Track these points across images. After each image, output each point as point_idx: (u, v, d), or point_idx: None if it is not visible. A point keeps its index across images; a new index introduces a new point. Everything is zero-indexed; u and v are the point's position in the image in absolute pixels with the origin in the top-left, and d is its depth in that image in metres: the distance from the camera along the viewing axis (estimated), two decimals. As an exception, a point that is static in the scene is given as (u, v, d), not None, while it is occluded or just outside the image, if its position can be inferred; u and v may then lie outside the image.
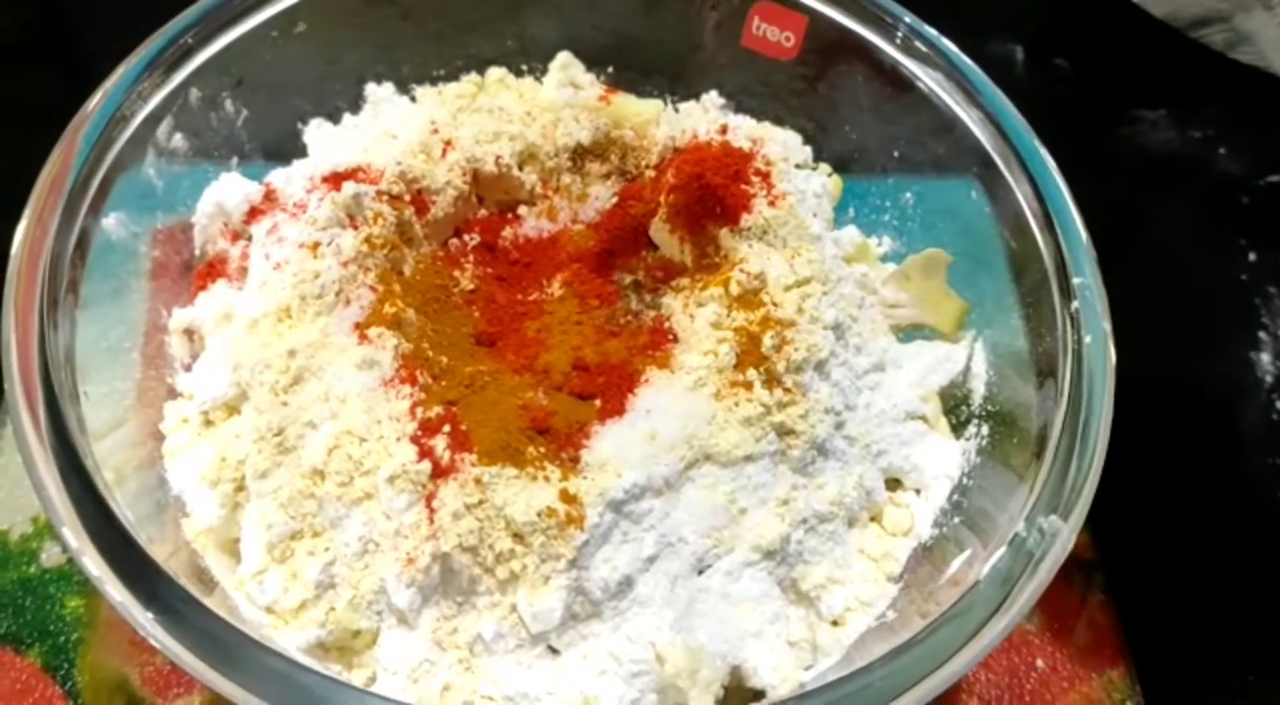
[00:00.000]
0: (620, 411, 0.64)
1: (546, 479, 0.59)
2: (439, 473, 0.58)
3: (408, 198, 0.69)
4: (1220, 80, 1.16)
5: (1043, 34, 1.19)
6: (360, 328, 0.64)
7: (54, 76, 1.04)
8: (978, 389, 0.72)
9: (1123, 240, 1.02)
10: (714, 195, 0.70)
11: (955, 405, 0.74)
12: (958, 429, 0.73)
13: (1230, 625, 0.85)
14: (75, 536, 0.53)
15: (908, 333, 0.76)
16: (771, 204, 0.71)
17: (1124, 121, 1.14)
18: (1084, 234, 0.67)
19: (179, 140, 0.71)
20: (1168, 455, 0.92)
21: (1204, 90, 1.16)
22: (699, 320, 0.66)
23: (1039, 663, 0.80)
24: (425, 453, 0.59)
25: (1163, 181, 1.10)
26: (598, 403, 0.64)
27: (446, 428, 0.60)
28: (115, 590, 0.52)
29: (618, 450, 0.61)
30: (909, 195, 0.80)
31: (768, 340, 0.64)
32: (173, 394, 0.70)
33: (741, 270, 0.66)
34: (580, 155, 0.75)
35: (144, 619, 0.51)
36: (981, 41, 1.17)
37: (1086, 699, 0.78)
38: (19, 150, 0.65)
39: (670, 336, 0.67)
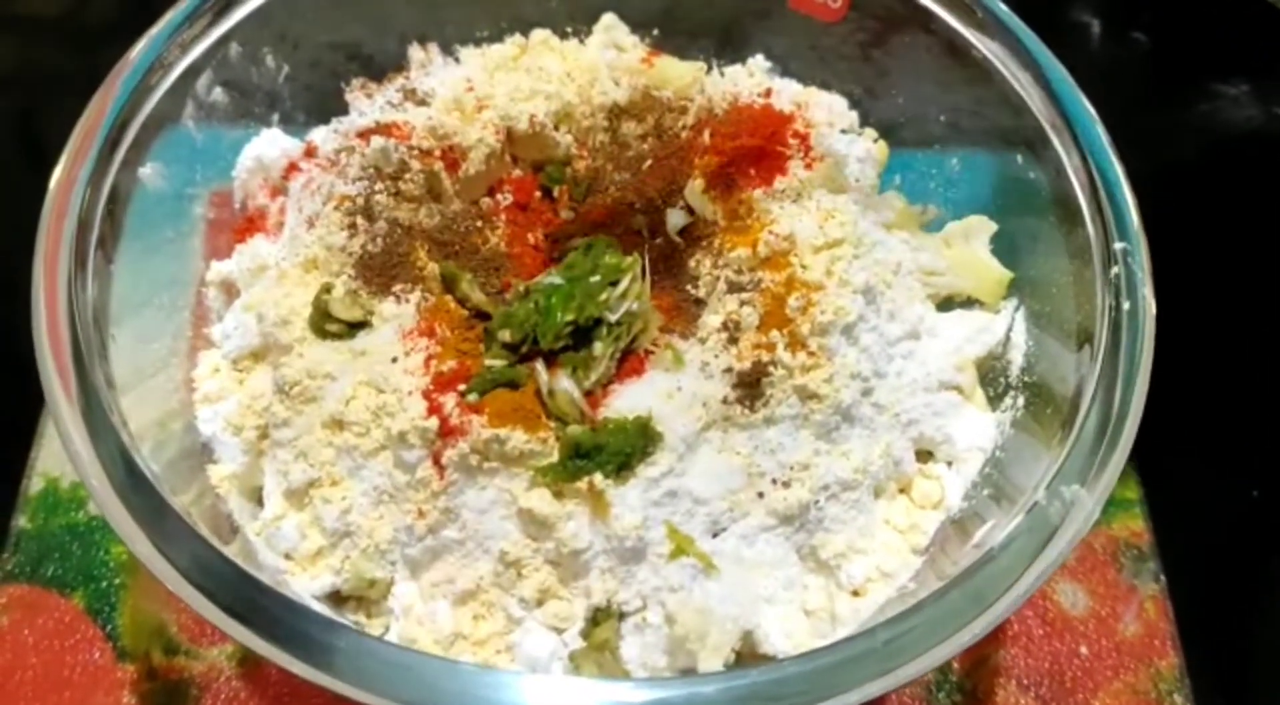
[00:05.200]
0: (639, 371, 0.63)
1: (557, 439, 0.59)
2: (448, 431, 0.58)
3: (438, 153, 0.68)
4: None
5: (1121, 5, 1.15)
6: (383, 281, 0.64)
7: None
8: (1016, 360, 0.70)
9: (1198, 219, 0.98)
10: (748, 157, 0.69)
11: (993, 376, 0.71)
12: (994, 401, 0.70)
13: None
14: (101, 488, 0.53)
15: (947, 301, 0.74)
16: (808, 166, 0.69)
17: (1204, 97, 1.10)
18: (1132, 202, 0.64)
19: (219, 94, 0.71)
20: (1232, 442, 0.88)
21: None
22: (724, 281, 0.64)
23: (1083, 650, 0.77)
24: (434, 410, 0.59)
25: (1243, 159, 1.06)
26: (618, 362, 0.64)
27: (461, 386, 0.59)
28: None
29: (634, 409, 0.60)
30: (956, 162, 0.77)
31: (793, 302, 0.62)
32: (209, 344, 0.71)
33: (770, 231, 0.65)
34: (617, 116, 0.74)
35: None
36: (1058, 14, 1.15)
37: (1131, 689, 0.76)
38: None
39: (696, 298, 0.66)
